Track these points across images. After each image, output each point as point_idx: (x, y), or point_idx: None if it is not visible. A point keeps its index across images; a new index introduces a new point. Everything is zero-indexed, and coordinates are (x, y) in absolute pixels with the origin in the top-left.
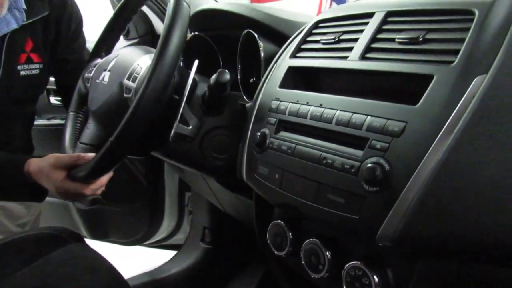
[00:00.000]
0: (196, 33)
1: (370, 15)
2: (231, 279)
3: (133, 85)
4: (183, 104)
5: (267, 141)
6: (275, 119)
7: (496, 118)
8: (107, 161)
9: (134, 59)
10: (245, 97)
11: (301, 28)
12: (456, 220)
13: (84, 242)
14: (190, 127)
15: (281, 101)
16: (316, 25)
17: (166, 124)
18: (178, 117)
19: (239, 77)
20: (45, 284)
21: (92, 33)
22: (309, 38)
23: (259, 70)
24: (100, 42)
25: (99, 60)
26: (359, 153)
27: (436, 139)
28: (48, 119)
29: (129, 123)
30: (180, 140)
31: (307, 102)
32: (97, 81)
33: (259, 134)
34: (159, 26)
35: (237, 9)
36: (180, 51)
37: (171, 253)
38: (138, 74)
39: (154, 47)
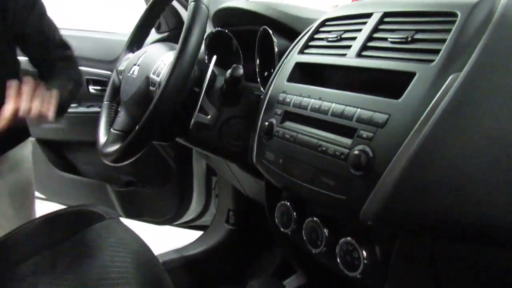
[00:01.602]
0: (219, 28)
1: (369, 15)
2: (253, 259)
3: (157, 79)
4: (202, 96)
5: (274, 130)
6: (281, 110)
7: (466, 112)
8: (134, 145)
9: (159, 56)
10: (262, 89)
11: (310, 26)
12: (429, 201)
13: (119, 219)
14: (209, 117)
15: (287, 94)
16: (323, 23)
17: (188, 114)
18: (198, 108)
19: (257, 70)
20: (83, 255)
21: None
22: (316, 36)
23: (274, 63)
24: (132, 38)
25: (130, 55)
26: (348, 141)
27: (413, 130)
28: (88, 107)
29: (153, 113)
30: (200, 128)
31: (309, 95)
32: (128, 74)
33: (267, 123)
34: None
35: (255, 7)
36: (198, 50)
37: (198, 233)
38: (162, 70)
39: None
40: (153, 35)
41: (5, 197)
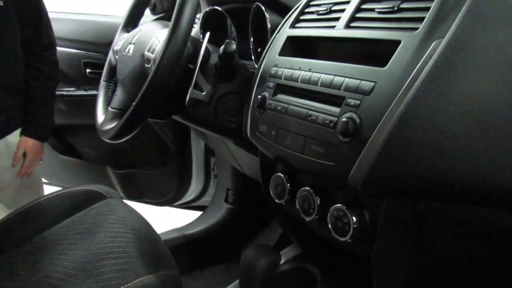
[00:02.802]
0: (213, 7)
1: None
2: (253, 236)
3: (152, 56)
4: (196, 72)
5: (266, 103)
6: (273, 83)
7: (448, 76)
8: (132, 122)
9: (154, 33)
10: (256, 65)
11: (301, 0)
12: (413, 163)
13: (120, 198)
14: (204, 93)
15: (279, 67)
16: None
17: (183, 91)
18: (193, 84)
19: (251, 47)
20: (85, 231)
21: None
22: (306, 10)
23: (267, 39)
24: (127, 18)
25: (126, 34)
26: (337, 110)
27: (398, 96)
28: (86, 90)
29: (148, 89)
30: (195, 104)
31: (299, 68)
32: (124, 53)
33: (260, 97)
34: None
35: None
36: (191, 26)
37: (199, 213)
38: (156, 47)
39: None
40: (148, 16)
41: (9, 179)
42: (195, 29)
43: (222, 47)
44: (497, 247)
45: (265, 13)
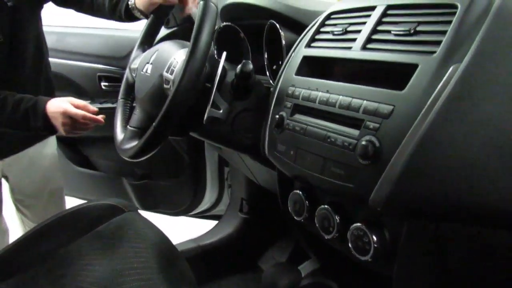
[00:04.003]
0: (227, 23)
1: (372, 8)
2: (267, 246)
3: (171, 77)
4: (214, 91)
5: (285, 123)
6: (291, 103)
7: (467, 101)
8: (152, 142)
9: (171, 54)
10: (271, 81)
11: (317, 19)
12: (434, 186)
13: (138, 212)
14: (221, 111)
15: (296, 87)
16: (329, 16)
17: (201, 109)
18: (210, 103)
19: (265, 63)
20: (106, 247)
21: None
22: (322, 29)
23: (282, 57)
24: (143, 37)
25: (142, 53)
26: (356, 132)
27: (417, 120)
28: (101, 103)
29: (168, 110)
30: (213, 122)
31: (317, 88)
32: (142, 72)
33: (277, 116)
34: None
35: (262, 2)
36: (209, 47)
37: (213, 223)
38: (174, 68)
39: (191, 33)
40: (162, 30)
41: (28, 192)
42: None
43: (240, 67)
44: None
45: (280, 31)
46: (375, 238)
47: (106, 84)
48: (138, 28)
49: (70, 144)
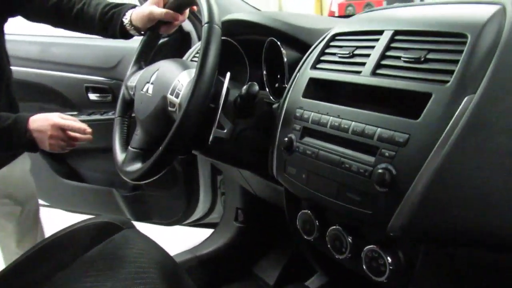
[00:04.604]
0: (224, 38)
1: (380, 32)
2: (263, 254)
3: (177, 100)
4: (219, 112)
5: (294, 145)
6: (299, 126)
7: (482, 132)
8: (158, 165)
9: (175, 75)
10: (271, 98)
11: (320, 39)
12: (452, 214)
13: (135, 228)
14: (225, 131)
15: (304, 110)
16: (333, 38)
17: (203, 128)
18: (216, 124)
19: (265, 79)
20: (108, 267)
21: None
22: (327, 50)
23: (283, 74)
24: (139, 53)
25: (139, 71)
26: (371, 159)
27: (434, 149)
28: (89, 114)
29: (176, 134)
30: (216, 142)
31: (327, 113)
32: (141, 92)
33: (286, 139)
34: (186, 25)
35: (261, 20)
36: (215, 71)
37: (206, 230)
38: (180, 91)
39: (182, 44)
40: None
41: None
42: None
43: (245, 88)
44: None
45: (282, 49)
46: (390, 260)
47: (94, 95)
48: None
49: (56, 157)
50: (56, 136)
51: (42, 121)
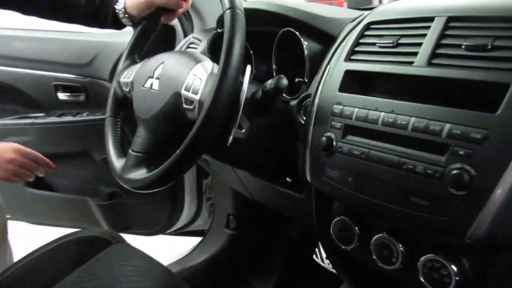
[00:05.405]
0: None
1: (430, 19)
2: (257, 261)
3: (196, 97)
4: (240, 111)
5: (334, 145)
6: (340, 124)
7: None
8: (172, 172)
9: (187, 69)
10: (283, 94)
11: (349, 28)
12: None
13: (125, 241)
14: (243, 130)
15: (344, 105)
16: (368, 26)
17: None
18: (237, 123)
19: (274, 74)
20: (102, 286)
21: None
22: (362, 40)
23: (299, 68)
24: (132, 45)
25: (135, 65)
26: (441, 158)
27: None
28: (58, 116)
29: (198, 135)
30: (235, 144)
31: (376, 108)
32: (143, 88)
33: (324, 138)
34: None
35: (279, 9)
36: (241, 63)
37: (192, 239)
38: (198, 85)
39: (167, 39)
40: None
41: None
42: (200, 49)
43: (272, 82)
44: None
45: (302, 40)
46: (456, 270)
47: (64, 94)
48: (101, 31)
49: None
50: (14, 161)
51: (2, 144)
